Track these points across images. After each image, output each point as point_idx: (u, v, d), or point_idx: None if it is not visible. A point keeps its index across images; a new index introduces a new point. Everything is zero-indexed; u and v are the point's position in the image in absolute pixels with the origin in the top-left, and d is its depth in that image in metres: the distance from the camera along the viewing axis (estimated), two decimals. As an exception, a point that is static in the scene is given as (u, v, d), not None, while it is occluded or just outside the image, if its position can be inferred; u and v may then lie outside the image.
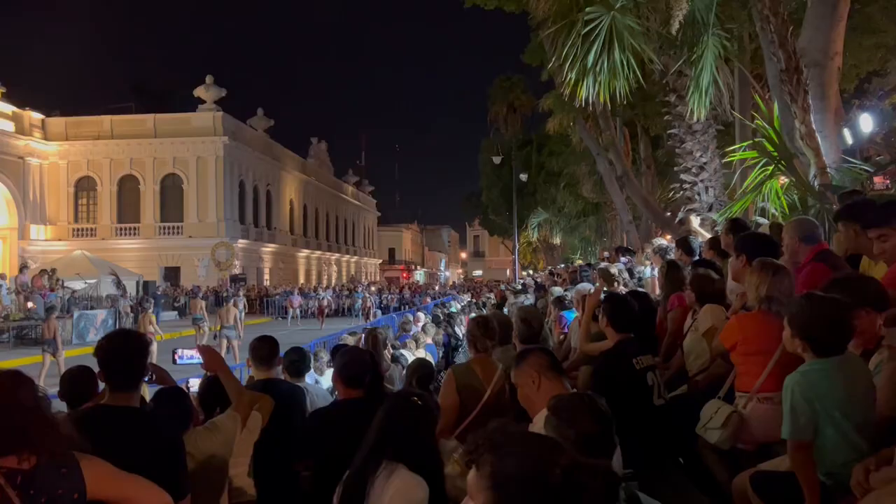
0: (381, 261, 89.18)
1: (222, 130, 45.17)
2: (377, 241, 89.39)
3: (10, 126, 41.70)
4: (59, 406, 3.19)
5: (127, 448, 2.41)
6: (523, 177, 36.99)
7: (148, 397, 4.02)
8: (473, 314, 17.60)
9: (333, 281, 64.44)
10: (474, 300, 25.98)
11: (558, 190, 34.22)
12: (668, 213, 16.59)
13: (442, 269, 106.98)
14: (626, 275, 9.68)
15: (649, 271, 9.67)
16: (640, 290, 7.89)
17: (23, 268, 26.72)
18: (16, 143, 41.98)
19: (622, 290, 7.67)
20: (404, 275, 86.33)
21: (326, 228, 68.93)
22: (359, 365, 3.70)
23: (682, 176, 12.30)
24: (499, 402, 4.02)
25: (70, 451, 2.12)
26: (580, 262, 22.20)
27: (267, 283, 49.33)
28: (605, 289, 6.52)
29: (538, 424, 2.81)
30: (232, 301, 21.89)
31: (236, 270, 41.32)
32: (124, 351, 2.79)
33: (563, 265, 23.92)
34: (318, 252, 65.50)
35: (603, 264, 11.37)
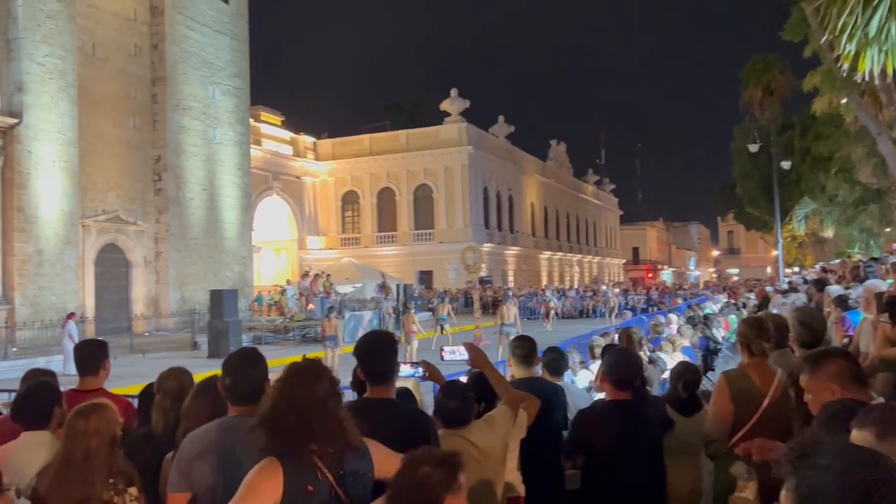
0: (624, 261, 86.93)
1: (467, 140, 47.29)
2: (620, 241, 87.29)
3: (288, 150, 47.64)
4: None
5: (388, 434, 2.62)
6: (786, 164, 33.65)
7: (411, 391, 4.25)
8: (733, 315, 16.40)
9: (576, 282, 64.17)
10: (732, 301, 24.23)
11: (828, 177, 30.70)
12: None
13: (691, 267, 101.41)
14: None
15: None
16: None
17: (304, 275, 30.16)
18: (294, 164, 47.81)
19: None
20: (649, 275, 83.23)
21: (567, 229, 68.86)
22: (630, 367, 3.61)
23: None
24: (778, 411, 3.66)
25: (361, 436, 2.39)
26: (859, 256, 19.65)
27: (511, 284, 50.59)
28: (903, 285, 5.65)
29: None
30: (510, 301, 22.74)
31: (483, 273, 42.92)
32: (376, 349, 3.05)
33: (837, 260, 21.34)
34: (560, 253, 65.68)
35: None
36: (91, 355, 4.00)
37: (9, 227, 24.36)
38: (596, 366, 7.39)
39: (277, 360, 2.44)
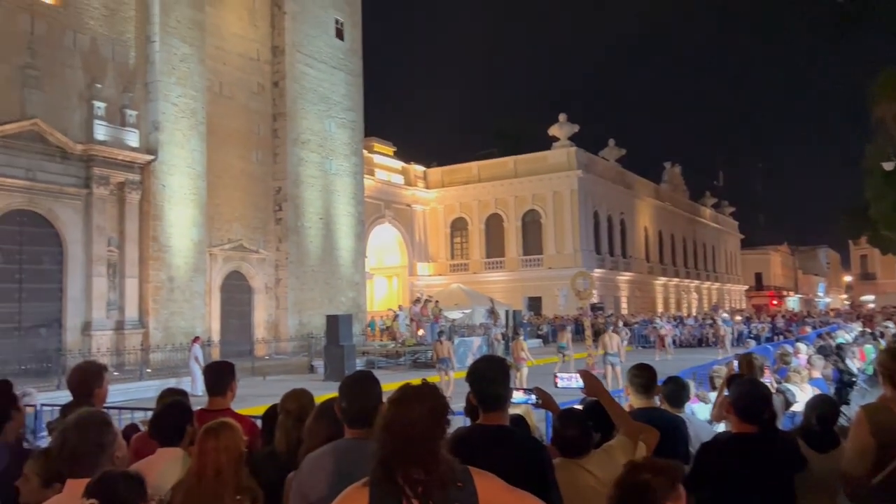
0: (746, 287, 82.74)
1: (576, 165, 46.80)
2: (741, 266, 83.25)
3: (400, 179, 48.87)
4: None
5: (500, 461, 2.51)
6: (925, 183, 31.09)
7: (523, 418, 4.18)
8: (869, 346, 15.19)
9: (694, 309, 61.61)
10: (867, 330, 22.48)
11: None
12: None
13: (820, 294, 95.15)
14: None
15: None
16: None
17: (415, 301, 30.64)
18: (404, 193, 48.95)
19: None
20: (773, 302, 78.72)
21: (684, 254, 66.45)
22: (758, 398, 3.41)
23: None
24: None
25: (465, 466, 2.24)
26: None
27: (625, 311, 49.24)
28: None
29: None
30: (612, 328, 22.27)
31: (594, 299, 42.04)
32: (488, 374, 3.00)
33: None
34: (676, 279, 63.37)
35: None
36: (220, 376, 4.22)
37: (145, 256, 26.26)
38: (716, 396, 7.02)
39: (390, 385, 2.51)
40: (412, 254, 49.64)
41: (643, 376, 4.26)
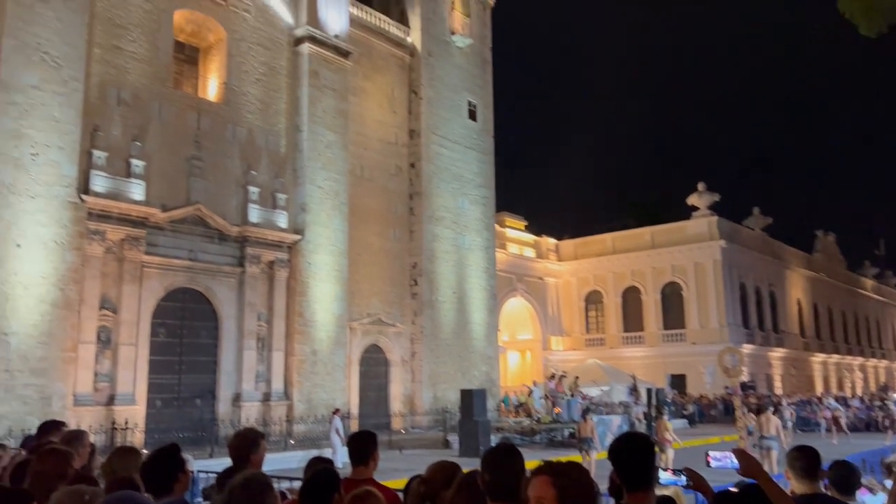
0: (920, 365, 74.43)
1: (718, 234, 44.90)
2: (913, 342, 75.24)
3: (532, 252, 48.91)
4: None
5: None
6: None
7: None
8: None
9: (859, 389, 56.11)
10: None
11: None
12: None
13: None
14: None
15: None
16: None
17: (551, 376, 30.03)
18: (537, 266, 48.83)
19: None
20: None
21: (844, 329, 61.15)
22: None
23: None
24: None
25: None
26: None
27: (779, 390, 45.63)
28: None
29: None
30: (770, 409, 20.73)
31: (744, 377, 39.34)
32: (633, 453, 2.87)
33: None
34: (836, 356, 58.20)
35: None
36: (363, 446, 4.31)
37: (291, 330, 27.65)
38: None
39: (527, 463, 2.45)
40: (545, 328, 48.99)
41: (805, 459, 3.90)
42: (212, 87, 27.72)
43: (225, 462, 4.60)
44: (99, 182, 22.61)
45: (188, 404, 24.84)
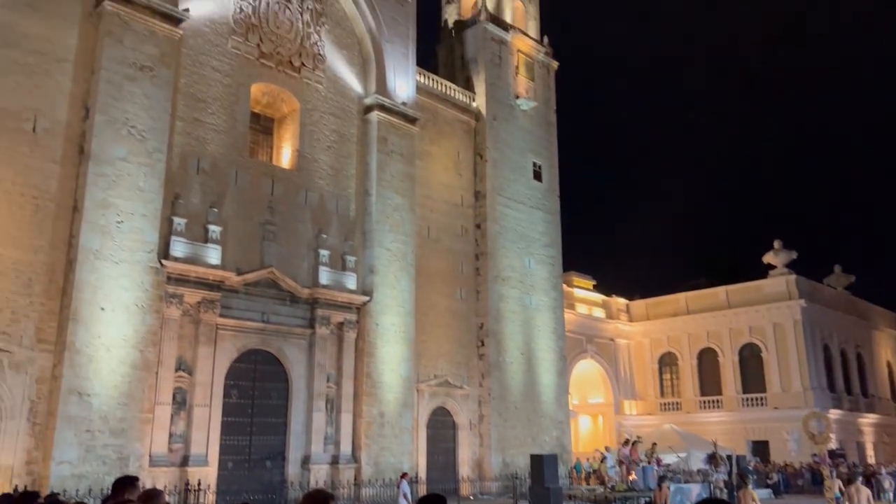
0: None
1: (797, 294, 43.09)
2: None
3: (601, 313, 47.95)
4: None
5: None
6: None
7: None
8: None
9: (963, 459, 51.84)
10: None
11: None
12: None
13: None
14: None
15: None
16: None
17: (625, 442, 28.95)
18: (606, 327, 47.77)
19: None
20: None
21: (942, 393, 57.05)
22: None
23: None
24: None
25: None
26: None
27: (871, 459, 42.65)
28: None
29: None
30: (860, 479, 19.40)
31: (833, 444, 37.01)
32: None
33: None
34: (935, 423, 54.19)
35: None
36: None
37: (359, 392, 27.68)
38: None
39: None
40: (617, 391, 47.53)
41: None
42: (285, 155, 28.82)
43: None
44: (178, 247, 23.56)
45: (258, 466, 24.97)
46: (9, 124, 21.08)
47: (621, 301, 50.08)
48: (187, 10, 24.87)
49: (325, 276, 27.58)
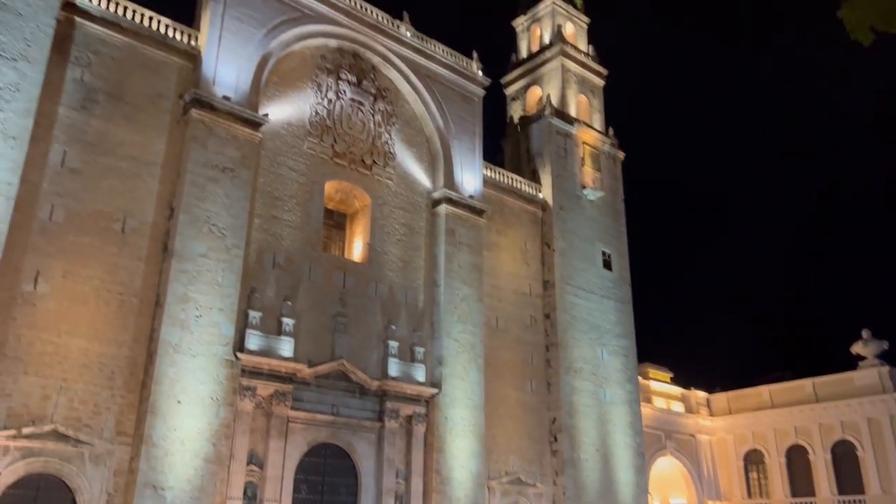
0: None
1: (892, 387, 40.34)
2: None
3: (680, 407, 45.90)
4: None
5: None
6: None
7: None
8: None
9: None
10: None
11: None
12: None
13: None
14: None
15: None
16: None
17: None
18: (686, 421, 45.58)
19: None
20: None
21: None
22: None
23: None
24: None
25: None
26: None
27: None
28: None
29: None
30: None
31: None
32: None
33: None
34: None
35: None
36: None
37: (428, 489, 26.99)
38: None
39: None
40: (700, 490, 44.74)
41: None
42: (356, 248, 29.57)
43: None
44: (253, 340, 24.10)
45: (325, 565, 24.36)
46: (101, 225, 22.47)
47: (701, 394, 47.92)
48: (267, 115, 26.44)
49: (394, 367, 27.57)
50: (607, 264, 38.20)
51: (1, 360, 19.78)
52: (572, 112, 40.19)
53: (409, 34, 32.60)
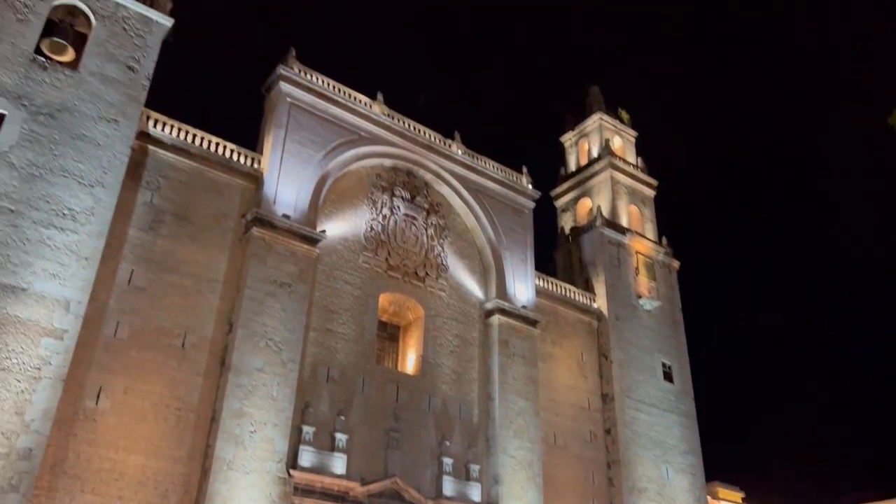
0: None
1: None
2: None
3: None
4: None
5: None
6: None
7: None
8: None
9: None
10: None
11: None
12: None
13: None
14: None
15: None
16: None
17: None
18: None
19: None
20: None
21: None
22: None
23: None
24: None
25: None
26: None
27: None
28: None
29: None
30: None
31: None
32: None
33: None
34: None
35: None
36: None
37: None
38: None
39: None
40: None
41: None
42: (410, 361, 29.41)
43: None
44: (306, 457, 23.77)
45: None
46: (163, 341, 23.05)
47: None
48: (324, 231, 27.30)
49: (448, 486, 26.64)
50: (668, 376, 36.93)
51: (60, 478, 19.92)
52: (623, 222, 40.27)
53: (460, 152, 33.73)
